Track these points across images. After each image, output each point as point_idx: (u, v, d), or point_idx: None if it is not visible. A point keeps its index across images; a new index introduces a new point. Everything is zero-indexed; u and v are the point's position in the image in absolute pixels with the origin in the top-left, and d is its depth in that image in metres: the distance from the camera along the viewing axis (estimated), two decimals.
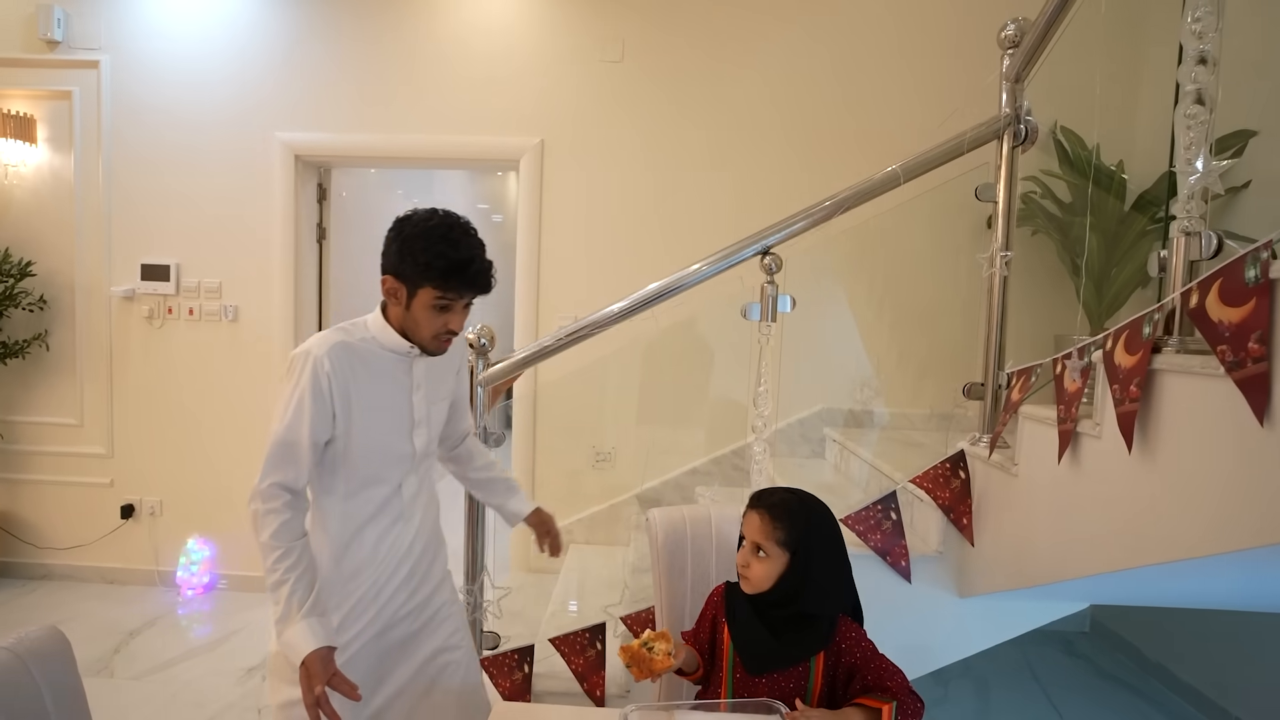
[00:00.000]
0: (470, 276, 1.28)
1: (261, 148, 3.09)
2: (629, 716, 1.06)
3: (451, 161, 3.19)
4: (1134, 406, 1.20)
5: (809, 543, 1.21)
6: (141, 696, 2.40)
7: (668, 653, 1.15)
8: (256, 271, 3.14)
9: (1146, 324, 1.22)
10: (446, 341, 1.36)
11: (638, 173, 2.99)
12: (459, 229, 1.29)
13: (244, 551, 3.24)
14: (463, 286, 1.29)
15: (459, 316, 1.33)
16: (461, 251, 1.27)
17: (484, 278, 1.29)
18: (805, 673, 1.21)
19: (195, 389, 3.20)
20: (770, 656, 1.21)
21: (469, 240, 1.28)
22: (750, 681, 1.21)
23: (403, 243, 1.28)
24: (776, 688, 1.20)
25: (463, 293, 1.30)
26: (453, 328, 1.33)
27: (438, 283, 1.27)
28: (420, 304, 1.29)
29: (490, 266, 1.30)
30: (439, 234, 1.27)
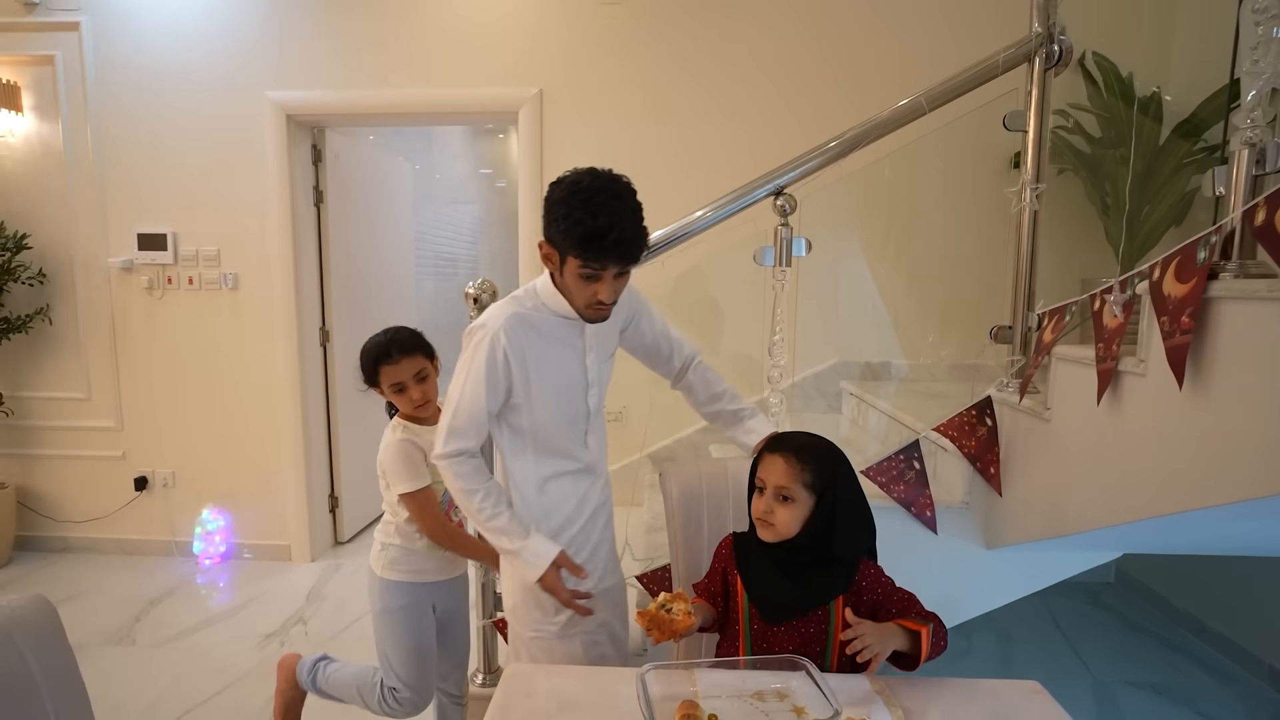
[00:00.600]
0: (608, 246, 1.20)
1: (252, 108, 2.98)
2: (645, 676, 1.00)
3: (448, 116, 3.07)
4: (1186, 339, 1.11)
5: (838, 484, 1.16)
6: (163, 663, 2.41)
7: (687, 612, 1.10)
8: (254, 238, 3.07)
9: (1201, 248, 1.11)
10: (600, 310, 1.31)
11: (641, 121, 2.86)
12: (605, 193, 1.20)
13: (258, 520, 3.24)
14: (603, 256, 1.21)
15: (608, 286, 1.26)
16: (600, 219, 1.19)
17: (625, 248, 1.21)
18: (825, 617, 1.16)
19: (200, 359, 3.16)
20: (791, 605, 1.16)
21: (614, 206, 1.20)
22: (768, 631, 1.16)
23: (550, 206, 1.24)
24: (796, 634, 1.15)
25: (604, 262, 1.22)
26: (602, 298, 1.27)
27: (577, 251, 1.22)
28: (569, 272, 1.26)
29: (636, 236, 1.22)
30: (581, 199, 1.20)
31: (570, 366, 1.36)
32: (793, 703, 1.01)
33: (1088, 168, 2.64)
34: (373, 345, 1.59)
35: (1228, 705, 2.23)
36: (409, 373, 1.58)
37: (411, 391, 1.58)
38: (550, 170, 2.92)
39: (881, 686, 1.06)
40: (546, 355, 1.33)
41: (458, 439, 1.32)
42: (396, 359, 1.57)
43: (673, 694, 1.02)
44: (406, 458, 1.57)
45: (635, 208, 1.23)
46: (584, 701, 1.03)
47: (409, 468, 1.57)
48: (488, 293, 1.80)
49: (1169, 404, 1.18)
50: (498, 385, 1.31)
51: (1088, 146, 2.60)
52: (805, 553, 1.15)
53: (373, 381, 1.61)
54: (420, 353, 1.61)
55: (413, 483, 1.57)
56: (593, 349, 1.38)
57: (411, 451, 1.58)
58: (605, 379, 1.46)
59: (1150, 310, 1.25)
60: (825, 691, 0.97)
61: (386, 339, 1.59)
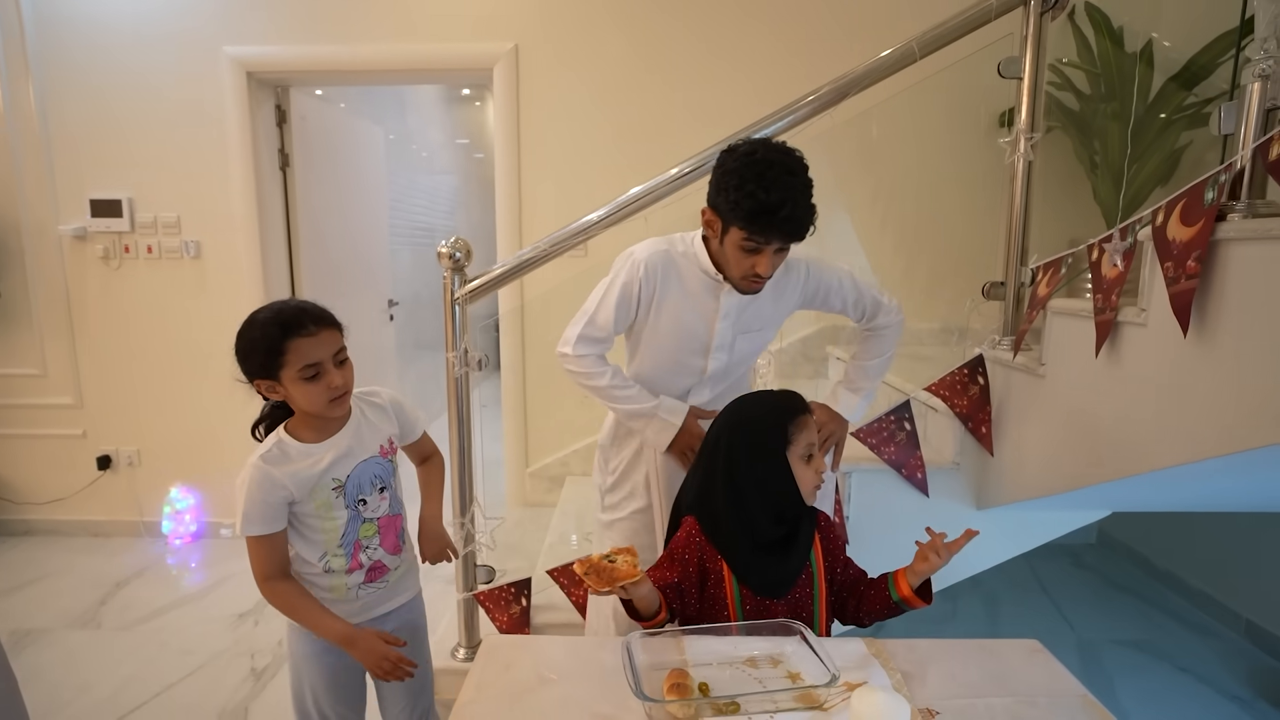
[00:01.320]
0: (778, 222, 1.19)
1: (210, 65, 2.81)
2: (631, 644, 0.95)
3: (418, 74, 2.92)
4: (1191, 284, 1.06)
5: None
6: (130, 647, 2.32)
7: (633, 564, 1.01)
8: (217, 203, 2.92)
9: (1209, 188, 1.06)
10: (755, 283, 1.31)
11: (629, 77, 2.74)
12: (778, 168, 1.19)
13: (231, 497, 3.14)
14: (770, 231, 1.21)
15: (768, 260, 1.25)
16: (773, 194, 1.18)
17: (794, 225, 1.20)
18: (809, 579, 1.14)
19: (163, 332, 3.02)
20: (790, 571, 1.12)
21: (786, 181, 1.18)
22: (764, 606, 1.12)
23: (721, 175, 1.24)
24: (786, 601, 1.12)
25: (770, 237, 1.22)
26: (760, 271, 1.27)
27: (744, 224, 1.22)
28: (730, 242, 1.27)
29: (806, 213, 1.21)
30: (755, 172, 1.19)
31: (695, 323, 1.39)
32: (787, 668, 0.96)
33: (1076, 126, 2.59)
34: (271, 316, 1.14)
35: (1206, 660, 2.25)
36: (328, 350, 1.16)
37: (331, 376, 1.15)
38: (527, 133, 2.80)
39: (878, 649, 1.01)
40: (678, 302, 1.38)
41: (585, 345, 1.41)
42: (313, 330, 1.14)
43: (661, 662, 0.97)
44: (265, 497, 1.15)
45: (807, 184, 1.21)
46: (567, 672, 0.98)
47: (265, 509, 1.16)
48: (461, 251, 1.72)
49: (1172, 353, 1.13)
50: (628, 309, 1.39)
51: (1077, 103, 2.55)
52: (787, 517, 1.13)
53: (269, 367, 1.13)
54: (337, 327, 1.20)
55: (263, 525, 1.17)
56: (729, 316, 1.39)
57: (275, 490, 1.16)
58: (746, 351, 1.46)
59: (1152, 257, 1.20)
60: (821, 656, 0.93)
61: (294, 307, 1.16)
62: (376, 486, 1.26)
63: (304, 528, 1.23)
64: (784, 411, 1.14)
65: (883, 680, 0.93)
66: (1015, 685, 0.95)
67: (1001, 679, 0.96)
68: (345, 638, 1.18)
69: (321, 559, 1.24)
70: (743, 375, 1.55)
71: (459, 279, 1.73)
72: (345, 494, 1.22)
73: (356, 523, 1.25)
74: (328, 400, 1.16)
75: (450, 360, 1.73)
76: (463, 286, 1.72)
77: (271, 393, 1.17)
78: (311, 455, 1.20)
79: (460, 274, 1.73)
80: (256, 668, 2.21)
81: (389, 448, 1.30)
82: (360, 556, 1.26)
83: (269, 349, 1.13)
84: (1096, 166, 2.56)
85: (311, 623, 1.20)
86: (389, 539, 1.30)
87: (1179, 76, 2.25)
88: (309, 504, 1.20)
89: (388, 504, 1.28)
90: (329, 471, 1.20)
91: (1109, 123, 2.41)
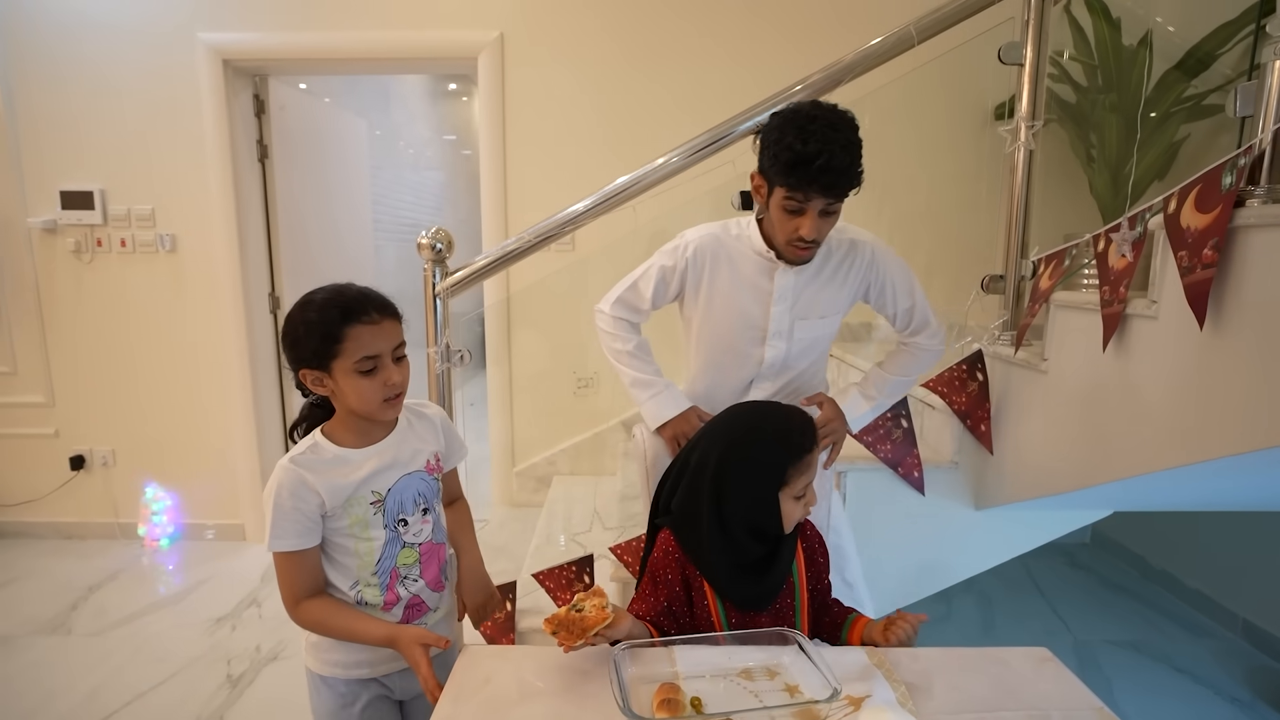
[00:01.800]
0: (814, 173, 1.14)
1: (184, 52, 2.72)
2: (618, 656, 0.89)
3: (402, 63, 2.84)
4: (1208, 274, 1.01)
5: None
6: (100, 653, 2.24)
7: (601, 606, 0.93)
8: (193, 195, 2.83)
9: (1227, 172, 1.01)
10: (802, 250, 1.25)
11: (618, 66, 2.66)
12: (820, 120, 1.14)
13: (209, 498, 3.05)
14: (808, 185, 1.16)
15: (811, 222, 1.20)
16: (810, 144, 1.13)
17: (833, 177, 1.14)
18: (790, 590, 1.09)
19: (138, 328, 2.93)
20: (772, 586, 1.06)
21: (826, 134, 1.13)
22: (747, 620, 1.06)
23: (765, 134, 1.21)
24: (770, 612, 1.07)
25: (808, 192, 1.17)
26: (804, 234, 1.21)
27: (783, 178, 1.18)
28: (775, 204, 1.22)
29: (847, 167, 1.15)
30: (796, 125, 1.15)
31: (749, 306, 1.34)
32: (785, 681, 0.91)
33: (1073, 119, 2.55)
34: (330, 297, 1.02)
35: (1204, 660, 2.22)
36: (389, 342, 1.03)
37: (389, 372, 1.03)
38: (513, 125, 2.73)
39: (880, 659, 0.96)
40: (729, 285, 1.34)
41: (622, 308, 1.40)
42: (376, 319, 1.02)
43: (651, 675, 0.91)
44: (298, 505, 1.02)
45: (850, 141, 1.15)
46: (550, 687, 0.92)
47: (298, 519, 1.02)
48: (442, 242, 1.65)
49: (1185, 347, 1.08)
50: (666, 286, 1.37)
51: (1074, 95, 2.51)
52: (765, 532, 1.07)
53: (321, 355, 1.01)
54: (399, 319, 1.07)
55: (296, 539, 1.03)
56: (785, 298, 1.33)
57: (308, 498, 1.02)
58: (807, 340, 1.38)
59: (1164, 246, 1.15)
60: (821, 668, 0.87)
61: (356, 290, 1.04)
62: (420, 506, 1.11)
63: (334, 549, 1.07)
64: (785, 453, 1.02)
65: (886, 693, 0.87)
66: (1026, 697, 0.90)
67: (1011, 690, 0.91)
68: (388, 638, 1.04)
69: (353, 588, 1.07)
70: (811, 372, 1.46)
71: (440, 271, 1.66)
72: (385, 510, 1.07)
73: (395, 546, 1.09)
74: (382, 399, 1.03)
75: (431, 356, 1.66)
76: (444, 279, 1.65)
77: (318, 385, 1.04)
78: (349, 462, 1.05)
79: (441, 266, 1.66)
80: (233, 675, 2.13)
81: (435, 464, 1.15)
82: (398, 589, 1.09)
83: (325, 334, 1.00)
84: (1093, 160, 2.53)
85: (350, 633, 1.06)
86: (431, 571, 1.13)
87: (1182, 64, 2.20)
88: (343, 518, 1.05)
89: (431, 529, 1.13)
90: (368, 482, 1.05)
91: (1107, 115, 2.37)
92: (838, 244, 1.36)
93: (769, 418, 1.06)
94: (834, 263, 1.35)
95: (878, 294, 1.39)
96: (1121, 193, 2.43)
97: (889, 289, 1.38)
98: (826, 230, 1.23)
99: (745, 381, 1.41)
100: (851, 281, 1.36)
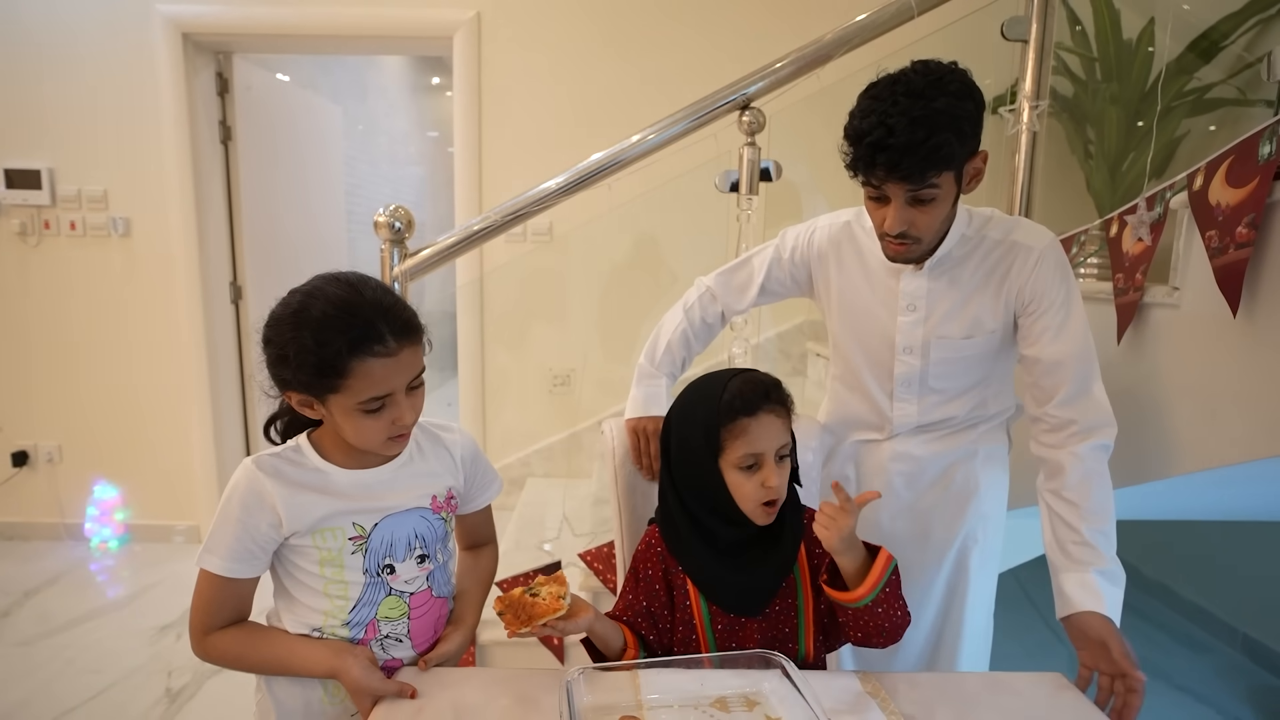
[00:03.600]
0: (866, 149, 0.94)
1: (140, 23, 2.57)
2: (572, 683, 0.76)
3: (374, 41, 2.71)
4: (1244, 253, 0.91)
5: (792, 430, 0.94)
6: (31, 664, 2.07)
7: (557, 596, 0.81)
8: (149, 177, 2.67)
9: (1265, 141, 0.91)
10: (896, 246, 1.02)
11: (602, 46, 2.53)
12: (896, 87, 0.93)
13: (162, 498, 2.88)
14: (864, 164, 0.96)
15: (895, 213, 0.98)
16: (867, 119, 0.93)
17: (894, 155, 0.92)
18: (791, 588, 0.93)
19: (88, 316, 2.76)
20: (766, 587, 0.92)
21: (894, 103, 0.92)
22: (737, 626, 0.93)
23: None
24: (762, 616, 0.93)
25: (869, 173, 0.97)
26: (886, 227, 1.00)
27: (848, 160, 0.99)
28: (865, 195, 1.02)
29: (911, 144, 0.91)
30: (868, 94, 0.96)
31: (877, 309, 1.13)
32: (765, 712, 0.78)
33: (1070, 113, 2.47)
34: (333, 315, 0.79)
35: (1205, 678, 2.12)
36: (405, 376, 0.83)
37: (400, 410, 0.83)
38: (489, 109, 2.60)
39: (875, 687, 0.84)
40: (858, 282, 1.14)
41: (722, 283, 1.23)
42: (392, 349, 0.80)
43: (609, 704, 0.78)
44: (246, 520, 0.83)
45: (932, 111, 0.90)
46: (490, 715, 0.79)
47: (242, 538, 0.83)
48: (401, 220, 1.51)
49: (1213, 337, 0.98)
50: (781, 269, 1.21)
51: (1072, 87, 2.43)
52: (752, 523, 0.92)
53: (316, 388, 0.81)
54: (420, 340, 0.85)
55: (229, 561, 0.84)
56: (916, 307, 1.08)
57: (259, 513, 0.83)
58: (946, 362, 1.09)
59: (1188, 227, 1.04)
60: (807, 696, 0.75)
61: (368, 309, 0.80)
62: (415, 552, 0.89)
63: (295, 586, 0.87)
64: (715, 411, 0.88)
65: None
66: None
67: None
68: (332, 670, 0.84)
69: (315, 634, 0.88)
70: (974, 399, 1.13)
71: (399, 253, 1.53)
72: (368, 551, 0.87)
73: (378, 593, 0.88)
74: (386, 438, 0.84)
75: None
76: (403, 261, 1.52)
77: (305, 408, 0.83)
78: (331, 481, 0.86)
79: (401, 247, 1.53)
80: (172, 688, 1.97)
81: (445, 502, 0.93)
82: (375, 648, 0.88)
83: (322, 366, 0.78)
84: (1091, 156, 2.44)
85: (280, 664, 0.87)
86: (423, 630, 0.92)
87: (1200, 42, 2.11)
88: (309, 551, 0.85)
89: (426, 578, 0.91)
90: (350, 513, 0.86)
91: (1106, 107, 2.28)
92: (993, 244, 1.06)
93: (717, 376, 0.93)
94: (985, 267, 1.05)
95: (1034, 316, 1.03)
96: (1120, 189, 2.35)
97: (1042, 303, 1.02)
98: (926, 223, 0.98)
99: (882, 400, 1.16)
100: (1005, 291, 1.05)
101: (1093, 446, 0.99)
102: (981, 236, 1.06)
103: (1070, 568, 0.97)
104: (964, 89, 0.93)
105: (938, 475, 1.17)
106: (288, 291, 0.84)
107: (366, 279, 0.85)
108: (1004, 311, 1.06)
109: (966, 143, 0.95)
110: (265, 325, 0.83)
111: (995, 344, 1.07)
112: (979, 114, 0.96)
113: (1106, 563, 0.95)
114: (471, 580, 1.02)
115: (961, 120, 0.92)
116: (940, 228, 1.02)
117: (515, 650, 1.65)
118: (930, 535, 1.18)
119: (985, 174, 1.03)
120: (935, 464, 1.16)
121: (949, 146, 0.91)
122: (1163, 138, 2.30)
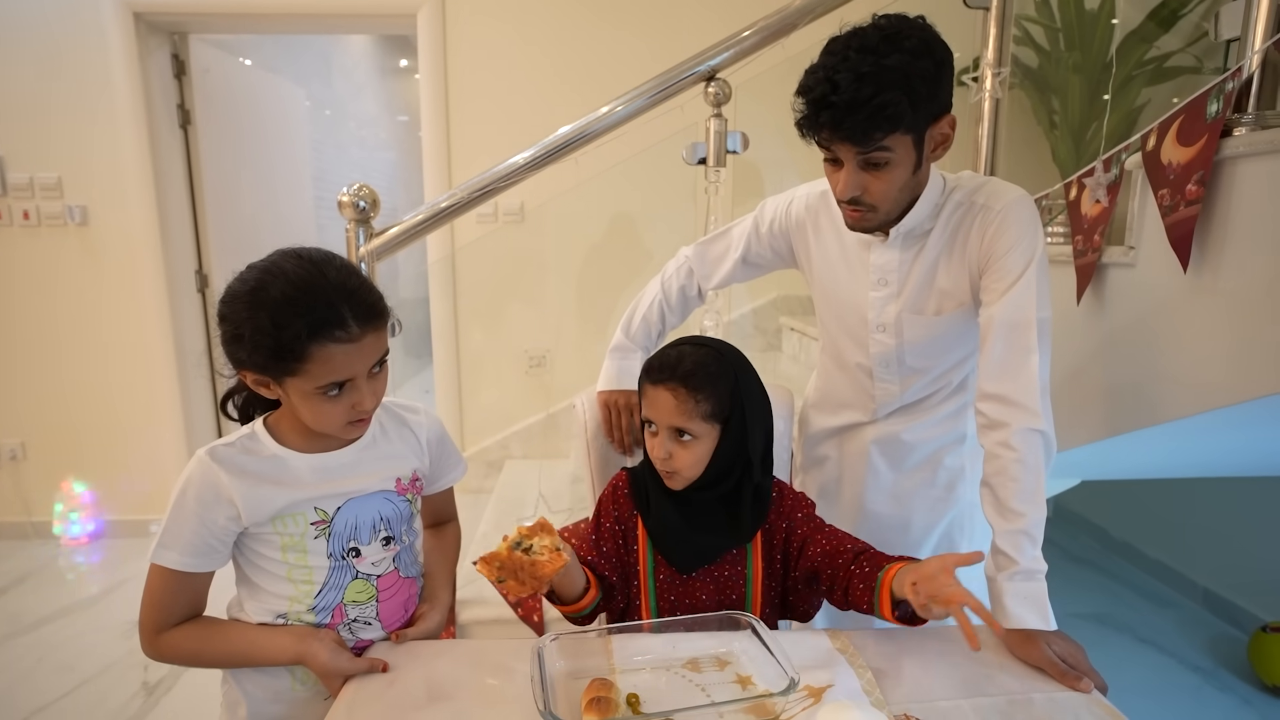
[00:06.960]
0: (812, 106, 0.88)
1: (90, 2, 2.48)
2: (543, 650, 0.76)
3: (335, 20, 2.64)
4: (1193, 210, 0.93)
5: (742, 403, 0.91)
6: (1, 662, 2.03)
7: (554, 548, 0.79)
8: (104, 163, 2.59)
9: (1213, 100, 0.92)
10: (849, 214, 0.97)
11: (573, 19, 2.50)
12: (841, 43, 0.87)
13: (132, 494, 2.83)
14: (813, 123, 0.89)
15: (846, 177, 0.92)
16: (814, 74, 0.88)
17: (832, 114, 0.86)
18: (741, 555, 0.96)
19: (48, 308, 2.68)
20: (711, 549, 0.94)
21: (846, 57, 0.85)
22: (677, 580, 0.95)
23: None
24: (710, 579, 0.95)
25: (815, 133, 0.90)
26: (838, 192, 0.94)
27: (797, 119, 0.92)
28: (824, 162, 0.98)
29: (858, 101, 0.84)
30: (823, 50, 0.89)
31: (851, 285, 1.08)
32: (735, 671, 0.79)
33: (1035, 84, 2.50)
34: (292, 295, 0.76)
35: (1166, 630, 2.20)
36: (367, 361, 0.80)
37: (360, 395, 0.81)
38: (456, 89, 2.55)
39: (844, 643, 0.85)
40: (833, 255, 1.10)
41: (700, 254, 1.23)
42: (355, 334, 0.77)
43: (581, 669, 0.79)
44: (202, 514, 0.81)
45: (875, 70, 0.83)
46: (463, 687, 0.79)
47: (198, 530, 0.81)
48: (366, 199, 1.49)
49: (1167, 294, 1.00)
50: (760, 239, 1.18)
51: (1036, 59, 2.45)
52: (713, 488, 0.93)
53: (273, 370, 0.78)
54: (384, 324, 0.83)
55: (184, 555, 0.81)
56: (887, 281, 1.02)
57: (216, 507, 0.81)
58: (921, 341, 1.03)
59: (1142, 189, 1.06)
60: (777, 655, 0.76)
61: (330, 290, 0.77)
62: (380, 535, 0.88)
63: (257, 573, 0.86)
64: (641, 376, 0.95)
65: (851, 682, 0.77)
66: (1005, 681, 0.81)
67: (989, 674, 0.82)
68: (298, 656, 0.83)
69: (279, 620, 0.86)
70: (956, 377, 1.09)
71: (365, 232, 1.50)
72: (331, 535, 0.85)
73: (344, 576, 0.86)
74: (346, 422, 0.82)
75: None
76: (369, 240, 1.50)
77: (261, 388, 0.81)
78: (289, 468, 0.84)
79: (366, 226, 1.51)
80: (149, 682, 1.95)
81: (410, 484, 0.92)
82: (343, 630, 0.87)
83: (279, 350, 0.75)
84: (1055, 126, 2.47)
85: (241, 656, 0.85)
86: (393, 611, 0.90)
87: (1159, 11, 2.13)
88: (270, 538, 0.84)
89: (393, 559, 0.90)
90: (312, 498, 0.84)
91: (1070, 76, 2.31)
92: (955, 205, 0.98)
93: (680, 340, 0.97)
94: (947, 233, 0.98)
95: (985, 278, 0.96)
96: (1084, 158, 2.38)
97: (996, 262, 0.94)
98: (881, 190, 0.92)
99: (860, 381, 1.13)
100: (968, 255, 0.97)
101: (1019, 433, 0.88)
102: (948, 201, 0.99)
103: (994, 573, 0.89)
104: (922, 46, 0.86)
105: (924, 460, 1.13)
106: (245, 266, 0.82)
107: (331, 257, 0.82)
108: (969, 280, 0.98)
109: (922, 105, 0.87)
110: (221, 301, 0.80)
111: (969, 318, 1.00)
112: (939, 74, 0.88)
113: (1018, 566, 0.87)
114: (438, 557, 1.01)
115: (915, 79, 0.85)
116: (899, 196, 0.94)
117: (495, 629, 1.66)
118: (912, 521, 1.15)
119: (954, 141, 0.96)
120: (922, 449, 1.13)
121: (897, 106, 0.84)
122: (1123, 107, 2.33)
